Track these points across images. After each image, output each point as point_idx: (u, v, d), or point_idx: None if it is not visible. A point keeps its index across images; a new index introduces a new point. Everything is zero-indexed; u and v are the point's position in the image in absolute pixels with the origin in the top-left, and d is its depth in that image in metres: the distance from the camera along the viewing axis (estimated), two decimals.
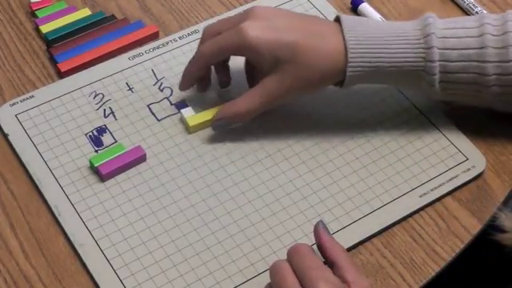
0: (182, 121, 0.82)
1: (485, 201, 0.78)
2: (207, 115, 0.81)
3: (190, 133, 0.81)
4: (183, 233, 0.74)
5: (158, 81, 0.85)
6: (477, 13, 0.92)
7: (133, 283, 0.71)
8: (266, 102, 0.78)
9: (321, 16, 0.92)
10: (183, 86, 0.82)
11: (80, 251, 0.72)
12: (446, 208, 0.77)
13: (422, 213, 0.77)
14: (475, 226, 0.76)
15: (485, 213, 0.77)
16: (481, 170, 0.80)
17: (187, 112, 0.82)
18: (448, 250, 0.75)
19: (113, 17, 0.91)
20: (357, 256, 0.74)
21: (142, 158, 0.78)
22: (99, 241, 0.73)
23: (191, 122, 0.81)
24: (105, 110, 0.83)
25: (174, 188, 0.77)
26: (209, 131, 0.81)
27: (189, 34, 0.90)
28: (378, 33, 0.76)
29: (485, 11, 0.92)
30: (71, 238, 0.73)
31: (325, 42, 0.76)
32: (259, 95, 0.78)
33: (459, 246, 0.75)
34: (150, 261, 0.72)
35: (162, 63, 0.87)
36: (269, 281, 0.67)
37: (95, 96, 0.84)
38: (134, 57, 0.87)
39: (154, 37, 0.89)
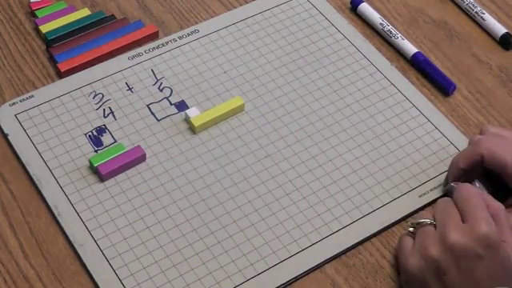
0: (186, 121, 0.82)
1: None
2: (211, 114, 0.81)
3: (195, 133, 0.81)
4: (183, 233, 0.74)
5: (158, 81, 0.85)
6: (476, 13, 0.92)
7: (132, 283, 0.71)
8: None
9: (320, 16, 0.92)
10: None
11: (80, 251, 0.72)
12: None
13: None
14: None
15: None
16: None
17: (192, 112, 0.82)
18: None
19: (112, 17, 0.91)
20: (357, 256, 0.74)
21: (142, 158, 0.78)
22: (99, 241, 0.73)
23: (196, 122, 0.81)
24: (104, 109, 0.83)
25: (173, 188, 0.77)
26: (208, 131, 0.81)
27: (188, 34, 0.90)
28: None
29: (484, 11, 0.92)
30: (71, 238, 0.73)
31: None
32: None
33: None
34: (150, 261, 0.72)
35: (162, 63, 0.87)
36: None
37: (95, 96, 0.84)
38: (134, 57, 0.87)
39: (154, 37, 0.89)
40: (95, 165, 0.77)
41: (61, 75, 0.85)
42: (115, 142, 0.80)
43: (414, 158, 0.80)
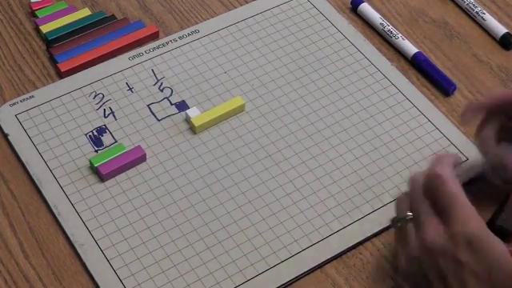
0: (186, 121, 0.82)
1: (485, 201, 0.78)
2: (211, 114, 0.81)
3: (195, 133, 0.81)
4: (183, 233, 0.74)
5: (158, 81, 0.85)
6: (477, 13, 0.92)
7: (133, 283, 0.71)
8: None
9: (320, 16, 0.92)
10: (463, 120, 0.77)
11: (80, 251, 0.72)
12: None
13: None
14: None
15: (485, 213, 0.77)
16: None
17: (192, 112, 0.82)
18: None
19: (113, 17, 0.91)
20: (357, 256, 0.74)
21: (142, 158, 0.78)
22: (99, 241, 0.73)
23: (197, 122, 0.81)
24: (105, 109, 0.83)
25: (173, 188, 0.77)
26: (209, 131, 0.81)
27: (189, 34, 0.90)
28: None
29: (485, 11, 0.92)
30: (71, 238, 0.73)
31: None
32: None
33: None
34: (150, 261, 0.72)
35: (162, 63, 0.87)
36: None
37: (95, 96, 0.84)
38: (134, 57, 0.87)
39: (154, 37, 0.90)
40: (95, 165, 0.77)
41: (61, 75, 0.85)
42: (115, 142, 0.80)
43: (415, 158, 0.80)
